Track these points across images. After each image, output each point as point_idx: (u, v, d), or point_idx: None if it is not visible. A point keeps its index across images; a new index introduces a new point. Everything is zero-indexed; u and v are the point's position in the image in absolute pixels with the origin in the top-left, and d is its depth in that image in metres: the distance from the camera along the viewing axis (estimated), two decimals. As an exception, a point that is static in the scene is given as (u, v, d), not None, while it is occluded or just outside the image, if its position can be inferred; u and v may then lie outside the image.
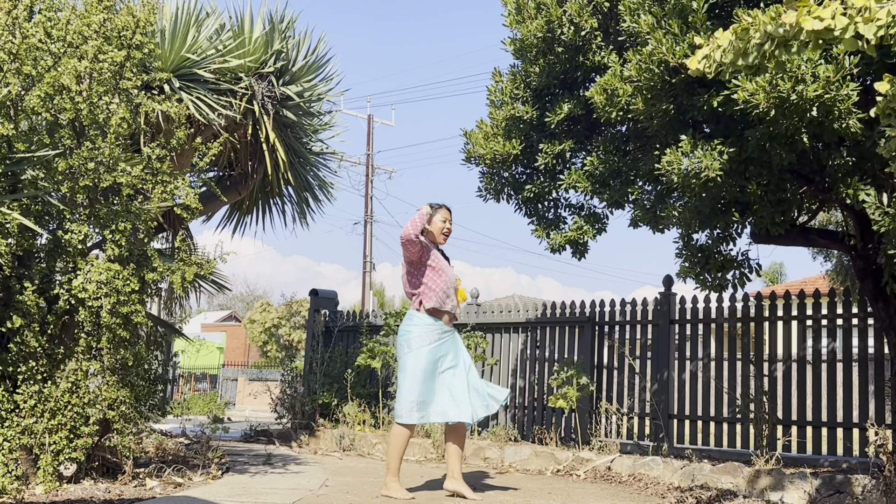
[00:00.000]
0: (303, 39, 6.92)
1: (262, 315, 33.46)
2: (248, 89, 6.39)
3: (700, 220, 4.98)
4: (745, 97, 4.08)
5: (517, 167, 6.12)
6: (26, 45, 4.62)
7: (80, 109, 4.78)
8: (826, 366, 6.22)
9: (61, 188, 4.74)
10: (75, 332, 4.93)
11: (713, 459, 6.13)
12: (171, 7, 6.11)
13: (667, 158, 4.57)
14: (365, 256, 27.05)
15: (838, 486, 5.08)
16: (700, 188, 4.55)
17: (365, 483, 5.47)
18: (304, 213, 7.68)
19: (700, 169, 4.40)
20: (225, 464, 6.08)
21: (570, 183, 5.58)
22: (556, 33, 5.40)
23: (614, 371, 7.36)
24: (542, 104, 5.80)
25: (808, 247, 10.12)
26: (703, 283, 5.29)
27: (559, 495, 5.26)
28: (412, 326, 4.97)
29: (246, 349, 37.08)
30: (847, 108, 4.03)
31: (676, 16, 4.52)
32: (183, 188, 5.15)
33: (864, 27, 2.47)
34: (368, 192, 27.77)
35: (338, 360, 8.87)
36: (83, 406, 4.78)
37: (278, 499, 4.68)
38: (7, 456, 4.55)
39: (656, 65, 4.55)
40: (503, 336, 8.14)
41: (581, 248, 5.87)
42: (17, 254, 4.75)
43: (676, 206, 5.06)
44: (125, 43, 5.01)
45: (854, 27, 2.50)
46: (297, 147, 7.10)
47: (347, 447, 7.70)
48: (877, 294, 5.23)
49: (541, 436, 7.28)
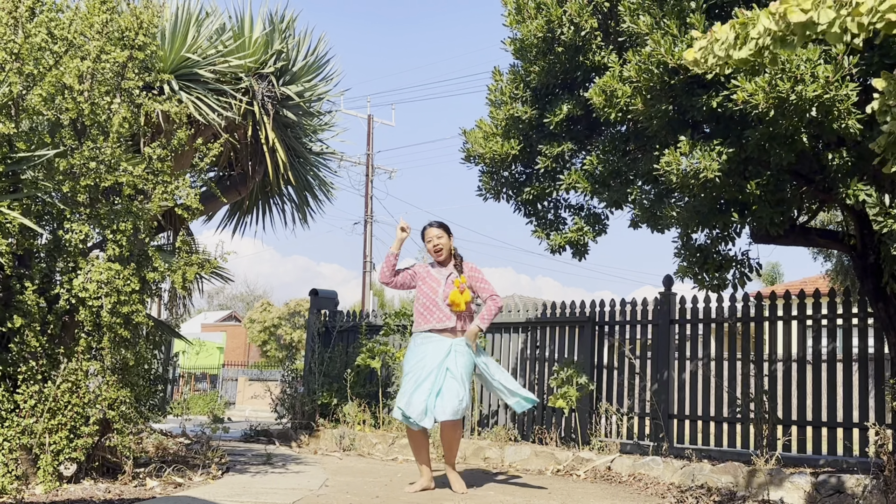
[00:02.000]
0: (303, 39, 6.92)
1: (262, 315, 33.47)
2: (249, 89, 6.39)
3: (699, 220, 4.98)
4: (745, 97, 4.08)
5: (516, 167, 6.12)
6: (28, 45, 4.63)
7: (81, 109, 4.78)
8: (826, 366, 6.22)
9: (62, 188, 4.75)
10: (76, 331, 4.93)
11: (713, 459, 6.13)
12: (172, 7, 6.11)
13: (665, 159, 4.57)
14: (365, 256, 27.05)
15: (838, 486, 5.08)
16: (699, 189, 4.56)
17: (365, 483, 5.47)
18: (304, 213, 7.68)
19: (699, 170, 4.41)
20: (225, 464, 6.09)
21: (569, 183, 5.58)
22: (556, 33, 5.39)
23: (614, 371, 7.36)
24: (542, 104, 5.80)
25: (808, 247, 10.12)
26: (700, 283, 5.29)
27: (559, 495, 5.26)
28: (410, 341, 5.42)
29: (246, 349, 37.08)
30: (846, 108, 4.03)
31: (675, 17, 4.52)
32: (183, 188, 5.15)
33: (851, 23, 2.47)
34: (368, 192, 27.77)
35: (338, 359, 8.87)
36: (83, 406, 4.79)
37: (278, 499, 4.68)
38: (7, 456, 4.55)
39: (655, 65, 4.55)
40: (503, 336, 8.14)
41: (581, 248, 5.87)
42: (18, 253, 4.76)
43: (675, 206, 5.06)
44: (128, 43, 5.02)
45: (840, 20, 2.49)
46: (297, 147, 7.11)
47: (347, 447, 7.70)
48: (877, 294, 5.23)
49: (541, 436, 7.28)
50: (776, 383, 6.40)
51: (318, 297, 9.86)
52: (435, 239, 5.32)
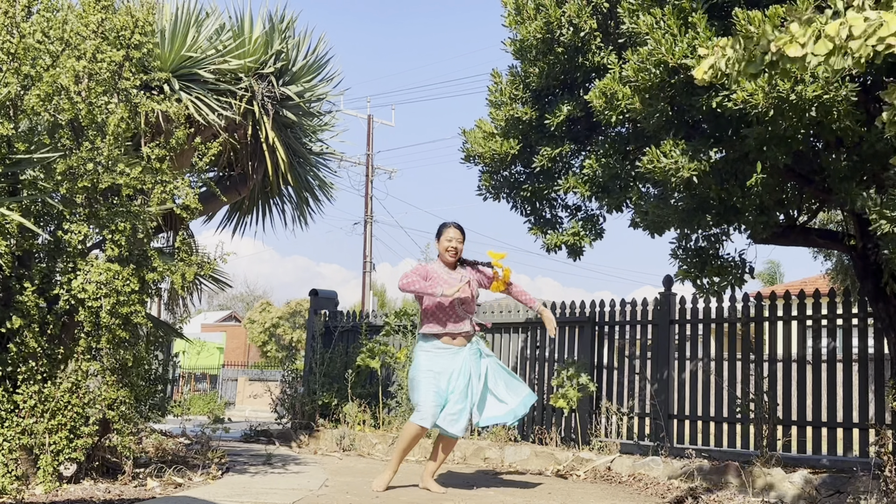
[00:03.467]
0: (303, 40, 6.91)
1: (261, 315, 33.49)
2: (248, 89, 6.38)
3: (682, 218, 4.99)
4: (744, 97, 4.08)
5: (516, 166, 6.12)
6: (24, 45, 4.62)
7: (78, 110, 4.77)
8: (826, 366, 6.22)
9: (61, 189, 4.74)
10: (75, 332, 4.93)
11: (713, 459, 6.12)
12: (171, 7, 6.10)
13: (647, 157, 4.63)
14: (365, 257, 27.05)
15: (838, 486, 5.08)
16: (683, 185, 4.61)
17: (365, 483, 5.47)
18: (304, 213, 7.68)
19: (677, 168, 4.47)
20: (225, 464, 6.09)
21: (567, 188, 5.58)
22: (556, 34, 5.39)
23: (614, 371, 7.36)
24: (542, 105, 5.79)
25: (808, 247, 10.09)
26: (699, 289, 5.33)
27: (559, 495, 5.26)
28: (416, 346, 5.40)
29: (246, 349, 37.07)
30: (846, 109, 4.03)
31: (675, 16, 4.52)
32: (183, 188, 5.15)
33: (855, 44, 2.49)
34: (368, 192, 27.78)
35: (338, 360, 8.87)
36: (83, 406, 4.78)
37: (278, 499, 4.68)
38: (7, 456, 4.55)
39: (654, 65, 4.55)
40: (503, 336, 8.14)
41: (577, 250, 5.86)
42: (17, 254, 4.75)
43: (670, 206, 5.06)
44: (124, 43, 5.01)
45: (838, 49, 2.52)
46: (297, 147, 7.10)
47: (347, 447, 7.70)
48: (877, 294, 5.23)
49: (541, 436, 7.28)
50: (776, 383, 6.40)
51: (318, 298, 9.86)
52: (455, 240, 5.33)
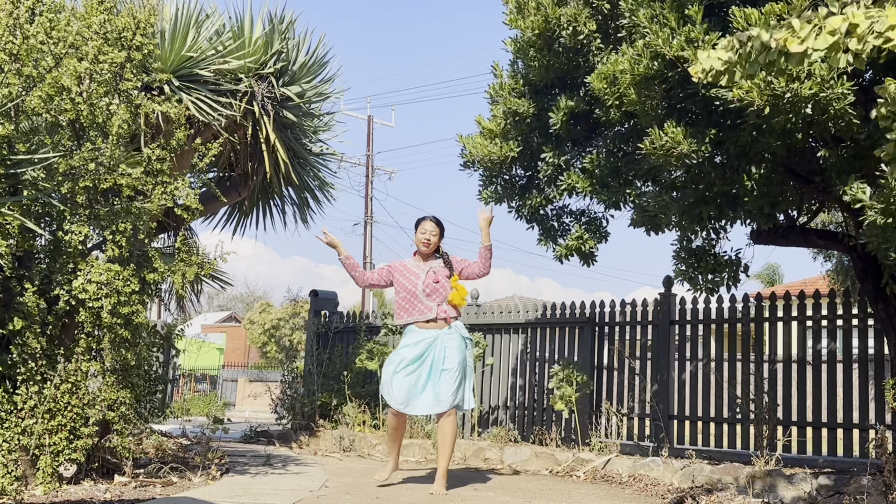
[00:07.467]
0: (303, 40, 6.91)
1: (261, 316, 33.42)
2: (248, 90, 6.38)
3: (685, 210, 4.99)
4: (741, 94, 4.09)
5: (516, 170, 6.07)
6: (27, 47, 4.62)
7: (80, 110, 4.78)
8: (826, 366, 6.22)
9: (61, 189, 4.75)
10: (76, 332, 4.93)
11: (713, 460, 6.13)
12: (171, 8, 6.10)
13: (648, 139, 4.68)
14: (365, 257, 27.06)
15: (838, 487, 5.08)
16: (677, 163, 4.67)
17: (365, 484, 5.47)
18: (304, 213, 7.68)
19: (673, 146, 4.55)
20: (225, 465, 6.08)
21: (569, 184, 5.57)
22: (555, 33, 5.39)
23: (614, 372, 7.36)
24: (542, 101, 5.78)
25: (808, 247, 10.11)
26: (694, 285, 5.32)
27: (559, 496, 5.26)
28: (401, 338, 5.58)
29: (246, 350, 37.03)
30: (842, 107, 4.03)
31: (674, 10, 4.54)
32: (183, 189, 5.15)
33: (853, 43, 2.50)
34: (368, 192, 27.80)
35: (337, 360, 8.87)
36: (83, 407, 4.78)
37: (278, 500, 4.68)
38: (6, 457, 4.55)
39: (650, 58, 4.57)
40: (503, 337, 8.14)
41: (587, 256, 5.81)
42: (18, 255, 4.75)
43: (662, 198, 5.06)
44: (125, 44, 5.01)
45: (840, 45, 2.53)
46: (297, 148, 7.10)
47: (347, 448, 7.70)
48: (877, 294, 5.23)
49: (541, 436, 7.28)
50: (776, 384, 6.40)
51: (318, 298, 9.86)
52: (429, 233, 5.54)
